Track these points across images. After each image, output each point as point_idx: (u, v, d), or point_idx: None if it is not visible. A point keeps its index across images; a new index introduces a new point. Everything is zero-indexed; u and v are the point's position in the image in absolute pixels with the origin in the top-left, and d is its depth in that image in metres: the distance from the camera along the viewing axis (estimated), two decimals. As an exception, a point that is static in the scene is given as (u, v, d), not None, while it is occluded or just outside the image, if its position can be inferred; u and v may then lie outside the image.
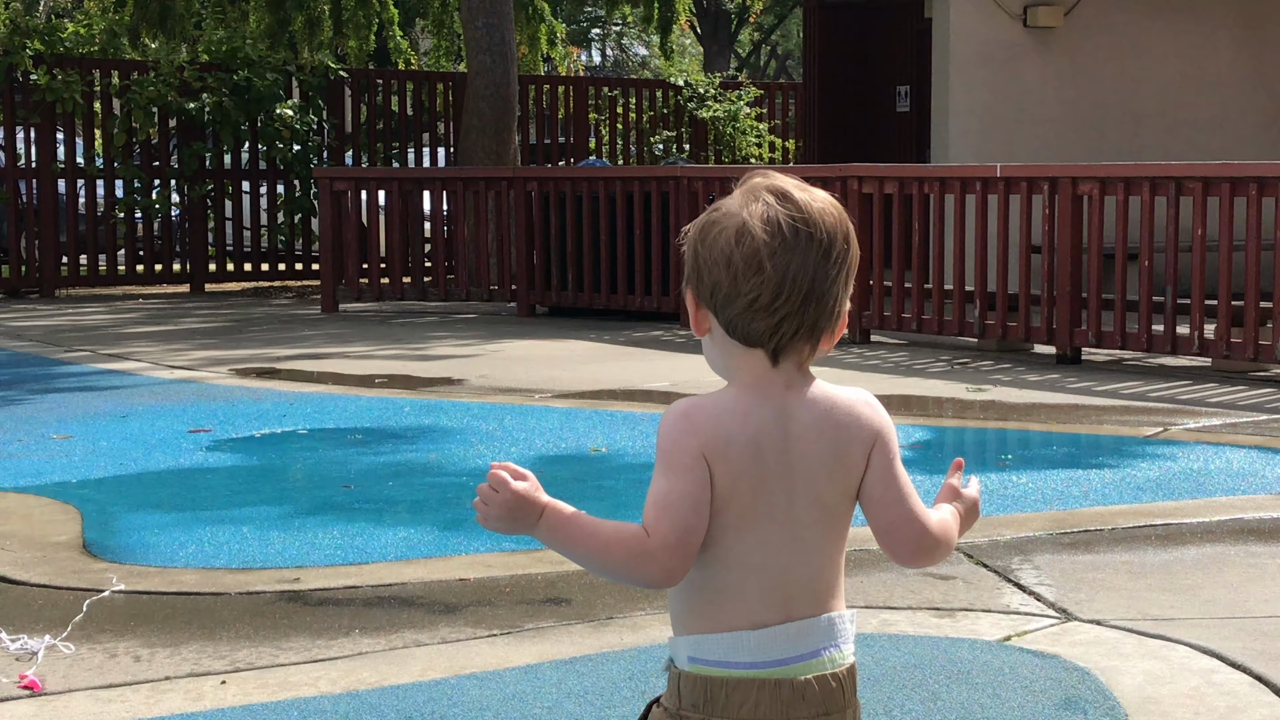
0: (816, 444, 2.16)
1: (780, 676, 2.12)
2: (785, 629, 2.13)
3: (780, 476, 2.14)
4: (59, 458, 7.25)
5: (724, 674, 2.12)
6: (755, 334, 2.13)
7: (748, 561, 2.14)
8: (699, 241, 2.17)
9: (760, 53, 48.67)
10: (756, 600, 2.14)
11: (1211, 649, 4.19)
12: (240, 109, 17.88)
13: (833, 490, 2.17)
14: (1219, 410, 8.46)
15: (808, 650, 2.15)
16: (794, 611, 2.14)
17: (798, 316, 2.12)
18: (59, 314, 15.00)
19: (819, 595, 2.17)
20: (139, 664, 4.19)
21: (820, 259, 2.12)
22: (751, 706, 2.11)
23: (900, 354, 11.17)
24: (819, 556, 2.17)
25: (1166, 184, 9.96)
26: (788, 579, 2.15)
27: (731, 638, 2.13)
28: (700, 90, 21.62)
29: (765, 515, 2.14)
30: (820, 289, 2.13)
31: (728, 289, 2.12)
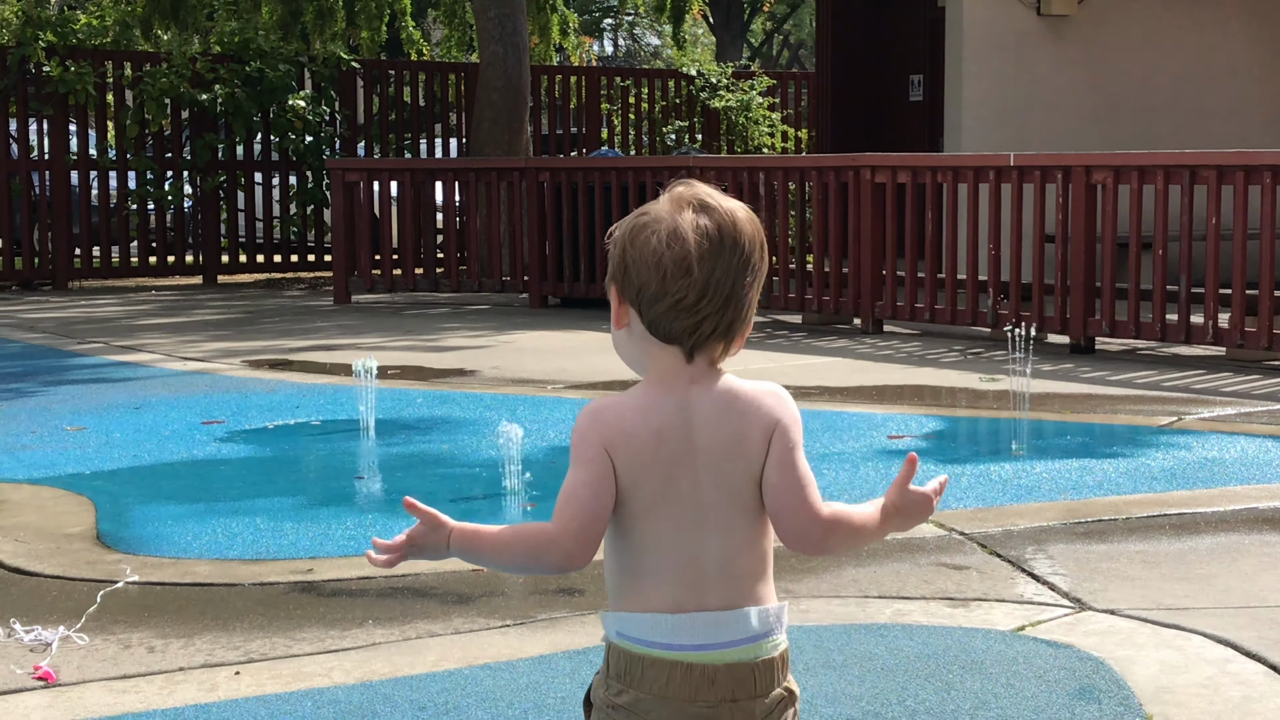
0: (718, 431, 2.29)
1: (693, 660, 2.25)
2: (704, 617, 2.26)
3: (684, 463, 2.27)
4: (73, 449, 7.26)
5: (643, 651, 2.26)
6: (676, 332, 2.28)
7: (661, 544, 2.28)
8: (628, 242, 2.28)
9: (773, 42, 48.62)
10: (672, 581, 2.27)
11: (1226, 638, 4.17)
12: (252, 100, 17.89)
13: (737, 474, 2.30)
14: (1233, 399, 8.44)
15: (724, 640, 2.26)
16: (710, 593, 2.27)
17: (716, 317, 2.28)
18: (72, 306, 15.02)
19: (737, 579, 2.29)
20: (153, 655, 4.20)
21: (740, 266, 2.27)
22: (663, 684, 2.24)
23: (913, 344, 11.15)
24: (732, 538, 2.29)
25: (1180, 172, 9.93)
26: (701, 560, 2.28)
27: (651, 619, 2.26)
28: (713, 80, 21.59)
29: (673, 500, 2.27)
30: (738, 294, 2.28)
31: (655, 289, 2.25)
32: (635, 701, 2.26)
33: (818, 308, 12.37)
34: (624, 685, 2.27)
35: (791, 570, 4.92)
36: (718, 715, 2.25)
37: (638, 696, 2.26)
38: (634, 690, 2.27)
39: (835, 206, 12.15)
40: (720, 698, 2.25)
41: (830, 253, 12.27)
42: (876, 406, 8.32)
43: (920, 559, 5.09)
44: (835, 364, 10.10)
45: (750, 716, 2.27)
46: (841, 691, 3.83)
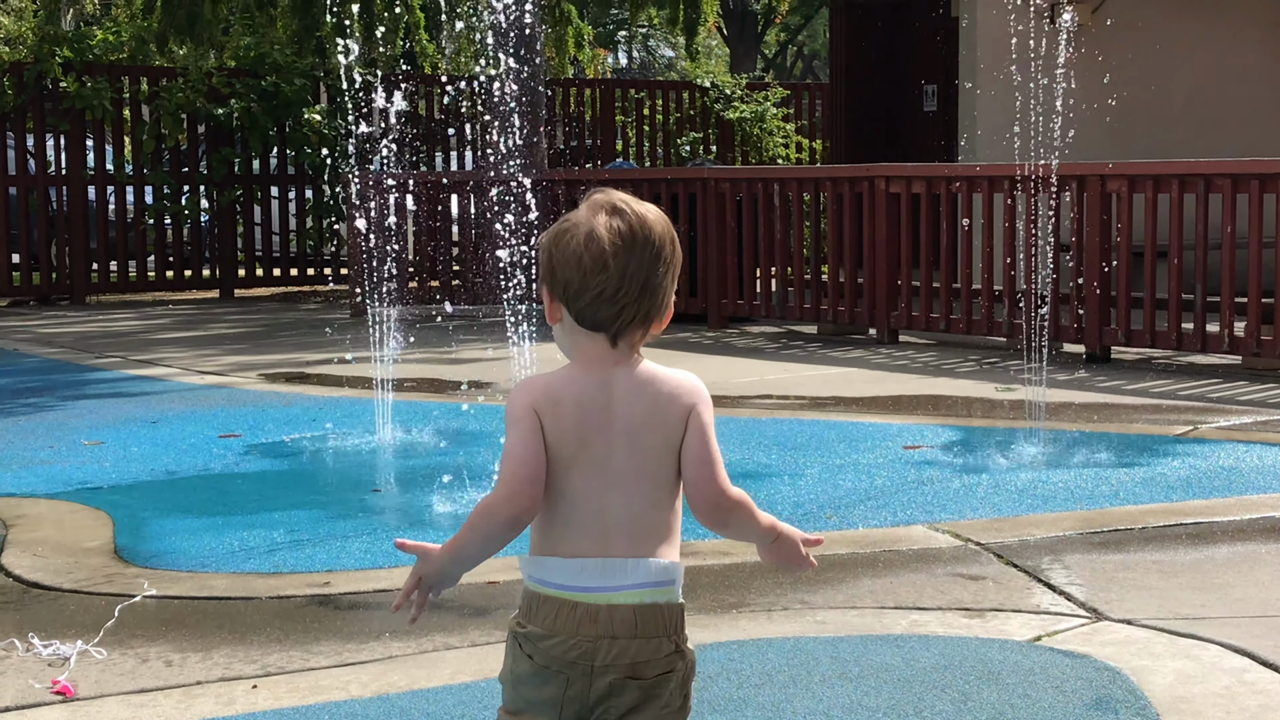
0: (635, 405, 2.57)
1: (579, 600, 2.53)
2: (594, 562, 2.54)
3: (600, 431, 2.56)
4: (90, 464, 7.28)
5: (541, 589, 2.56)
6: (600, 321, 2.55)
7: (574, 500, 2.56)
8: (553, 246, 2.59)
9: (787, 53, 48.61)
10: (579, 533, 2.55)
11: (1243, 648, 4.17)
12: (268, 114, 17.95)
13: (653, 441, 2.57)
14: (1249, 408, 8.42)
15: (609, 584, 2.53)
16: (613, 546, 2.55)
17: (635, 306, 2.54)
18: (89, 320, 15.07)
19: (640, 537, 2.56)
20: (170, 669, 4.21)
21: (652, 260, 2.55)
22: (551, 619, 2.54)
23: (929, 354, 11.15)
24: (638, 500, 2.56)
25: (1195, 181, 9.92)
26: (605, 517, 2.55)
27: (554, 562, 2.56)
28: (727, 91, 21.60)
29: (586, 462, 2.55)
30: (652, 284, 2.56)
31: (578, 284, 2.54)
32: (531, 633, 2.55)
33: (833, 318, 12.36)
34: (524, 620, 2.58)
35: (807, 582, 4.92)
36: (596, 650, 2.52)
37: (533, 629, 2.56)
38: (531, 624, 2.56)
39: (850, 217, 12.15)
40: (599, 634, 2.52)
41: (845, 263, 12.27)
42: (892, 417, 8.31)
43: (936, 569, 5.08)
44: (851, 374, 10.09)
45: (627, 655, 2.52)
46: (858, 702, 3.83)
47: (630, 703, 2.55)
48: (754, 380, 9.77)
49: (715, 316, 13.24)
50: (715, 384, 9.49)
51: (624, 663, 2.54)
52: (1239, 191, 9.69)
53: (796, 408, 8.70)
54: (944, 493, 6.32)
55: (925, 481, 6.57)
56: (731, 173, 14.28)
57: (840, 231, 12.31)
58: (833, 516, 5.94)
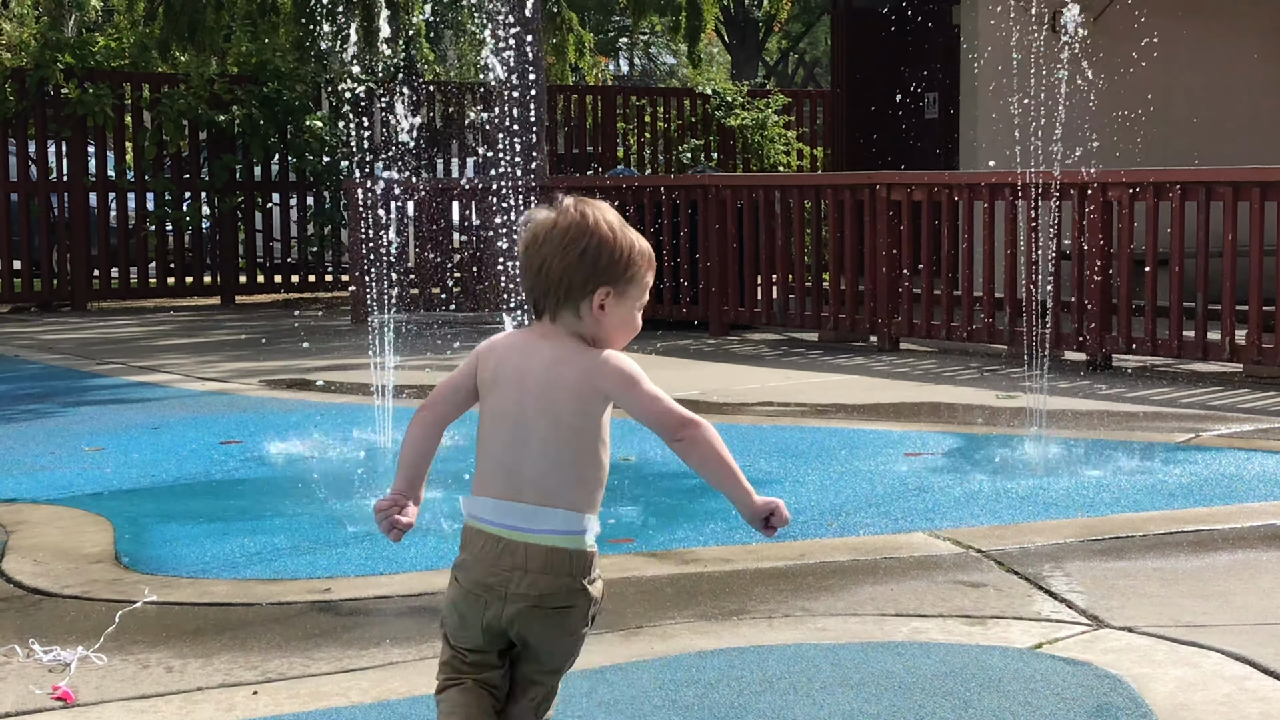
0: (549, 372, 3.04)
1: (501, 534, 3.04)
2: (497, 503, 3.05)
3: (515, 390, 3.06)
4: (91, 470, 7.28)
5: (471, 523, 3.10)
6: (532, 299, 3.10)
7: (490, 450, 3.09)
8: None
9: (788, 61, 48.63)
10: (499, 479, 3.07)
11: (1244, 655, 4.16)
12: (270, 121, 17.96)
13: (563, 408, 3.03)
14: (1250, 416, 8.42)
15: (528, 526, 3.02)
16: (525, 492, 3.04)
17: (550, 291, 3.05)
18: (90, 327, 15.07)
19: (549, 489, 3.03)
20: (171, 675, 4.21)
21: (571, 255, 3.01)
22: (479, 548, 3.06)
23: (929, 361, 11.15)
24: (545, 456, 3.03)
25: (1196, 189, 9.93)
26: (518, 469, 3.05)
27: (481, 500, 3.09)
28: (728, 99, 21.61)
29: (501, 417, 3.08)
30: (567, 276, 3.02)
31: (521, 269, 3.10)
32: (463, 560, 3.09)
33: (834, 325, 12.37)
34: (461, 547, 3.10)
35: (808, 589, 4.93)
36: (510, 579, 3.01)
37: (464, 557, 3.08)
38: (463, 551, 3.09)
39: (851, 224, 12.16)
40: (514, 566, 3.01)
41: (846, 270, 12.28)
42: (893, 424, 8.31)
43: (937, 576, 5.08)
44: (852, 381, 10.09)
45: (535, 588, 3.00)
46: (858, 710, 3.83)
47: (535, 625, 3.03)
48: (755, 387, 9.77)
49: (716, 323, 13.24)
50: (717, 391, 9.49)
51: (533, 593, 3.01)
52: (1240, 200, 9.69)
53: (798, 415, 8.70)
54: (945, 500, 6.32)
55: (926, 488, 6.57)
56: (732, 180, 14.29)
57: (841, 239, 12.32)
58: (834, 523, 5.94)
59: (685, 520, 6.06)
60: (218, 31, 20.28)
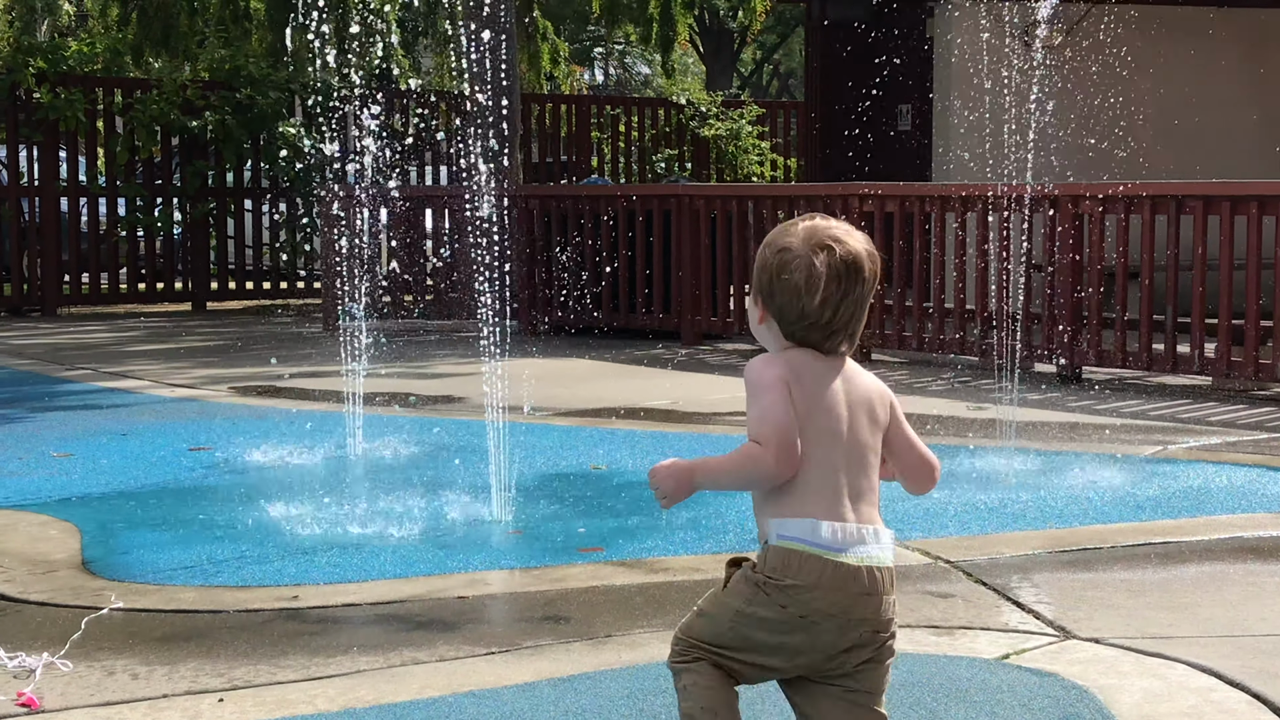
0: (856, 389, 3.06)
1: (840, 560, 2.88)
2: (853, 527, 2.90)
3: (833, 406, 2.96)
4: (59, 475, 7.25)
5: (801, 548, 2.89)
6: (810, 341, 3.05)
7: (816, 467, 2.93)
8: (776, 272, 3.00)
9: (762, 72, 48.73)
10: (821, 497, 2.92)
11: (1210, 667, 4.18)
12: (243, 127, 17.92)
13: (868, 421, 2.99)
14: (1219, 429, 8.46)
15: (867, 548, 2.90)
16: (847, 513, 2.91)
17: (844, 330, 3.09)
18: (61, 332, 15.01)
19: (866, 503, 2.95)
20: (136, 681, 4.19)
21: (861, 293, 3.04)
22: (815, 575, 2.88)
23: (901, 372, 11.17)
24: (863, 471, 2.96)
25: (1167, 202, 9.97)
26: (842, 485, 2.93)
27: (817, 524, 2.89)
28: (702, 109, 21.65)
29: (823, 433, 2.93)
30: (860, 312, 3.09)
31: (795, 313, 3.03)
32: (791, 585, 2.88)
33: (806, 336, 12.36)
34: (783, 573, 2.89)
35: (777, 598, 4.92)
36: (854, 604, 2.87)
37: (793, 582, 2.88)
38: (791, 578, 2.88)
39: (824, 235, 12.16)
40: (859, 591, 2.88)
41: (819, 281, 12.27)
42: (864, 435, 8.31)
43: (905, 586, 5.08)
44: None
45: (880, 612, 2.90)
46: (825, 719, 3.82)
47: (867, 655, 2.90)
48: (726, 397, 9.77)
49: (689, 333, 13.25)
50: (688, 400, 9.50)
51: (875, 618, 2.89)
52: (1210, 213, 9.74)
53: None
54: (914, 510, 6.33)
55: (896, 499, 6.56)
56: (706, 190, 14.31)
57: (814, 250, 12.32)
58: (803, 534, 5.94)
59: (655, 529, 6.05)
60: (191, 37, 20.26)
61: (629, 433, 8.37)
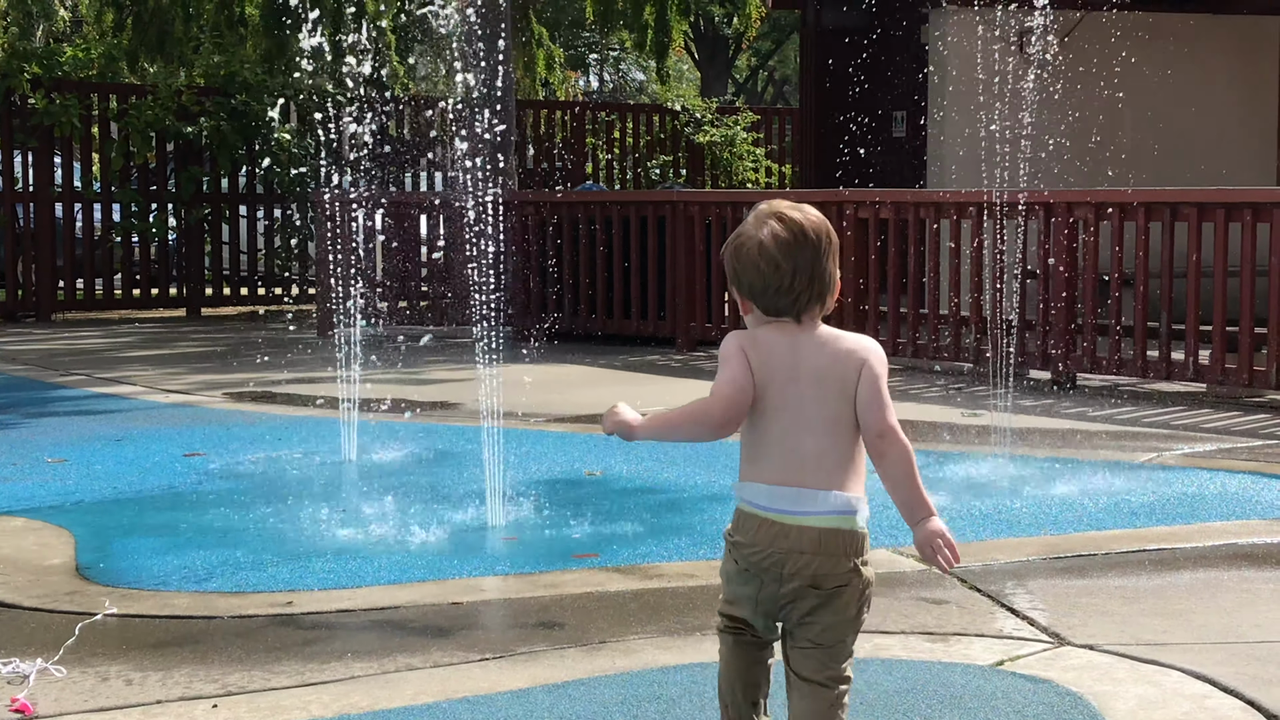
0: (818, 358, 3.15)
1: (775, 519, 3.09)
2: (789, 490, 3.08)
3: (791, 379, 3.11)
4: (53, 481, 7.24)
5: (746, 508, 3.13)
6: (782, 308, 3.16)
7: (773, 437, 3.12)
8: (734, 257, 3.23)
9: (758, 78, 48.75)
10: (777, 464, 3.10)
11: (1204, 674, 4.18)
12: (238, 133, 17.91)
13: (832, 388, 3.12)
14: (1213, 436, 8.46)
15: (802, 509, 3.08)
16: (805, 479, 3.08)
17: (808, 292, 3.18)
18: (55, 338, 15.00)
19: (826, 470, 3.11)
20: (130, 687, 4.19)
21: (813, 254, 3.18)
22: (752, 532, 3.11)
23: (896, 378, 11.17)
24: (824, 439, 3.11)
25: (1161, 209, 9.98)
26: (800, 452, 3.10)
27: (757, 486, 3.12)
28: (697, 115, 21.65)
29: (781, 405, 3.10)
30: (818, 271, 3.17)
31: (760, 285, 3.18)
32: (738, 542, 3.13)
33: (801, 342, 12.37)
34: (734, 530, 3.15)
35: (771, 604, 4.92)
36: (785, 560, 3.07)
37: (739, 539, 3.13)
38: (738, 534, 3.14)
39: (818, 241, 12.16)
40: (789, 548, 3.08)
41: (813, 288, 12.27)
42: (858, 441, 8.31)
43: (900, 593, 5.09)
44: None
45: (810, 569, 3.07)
46: (820, 726, 3.82)
47: (809, 606, 3.09)
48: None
49: (683, 339, 13.25)
50: (682, 407, 9.48)
51: (806, 573, 3.07)
52: (1204, 220, 9.75)
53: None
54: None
55: (890, 505, 6.56)
56: (701, 196, 14.31)
57: (809, 256, 12.32)
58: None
59: (650, 535, 6.05)
60: (186, 43, 20.24)
61: (621, 440, 8.32)
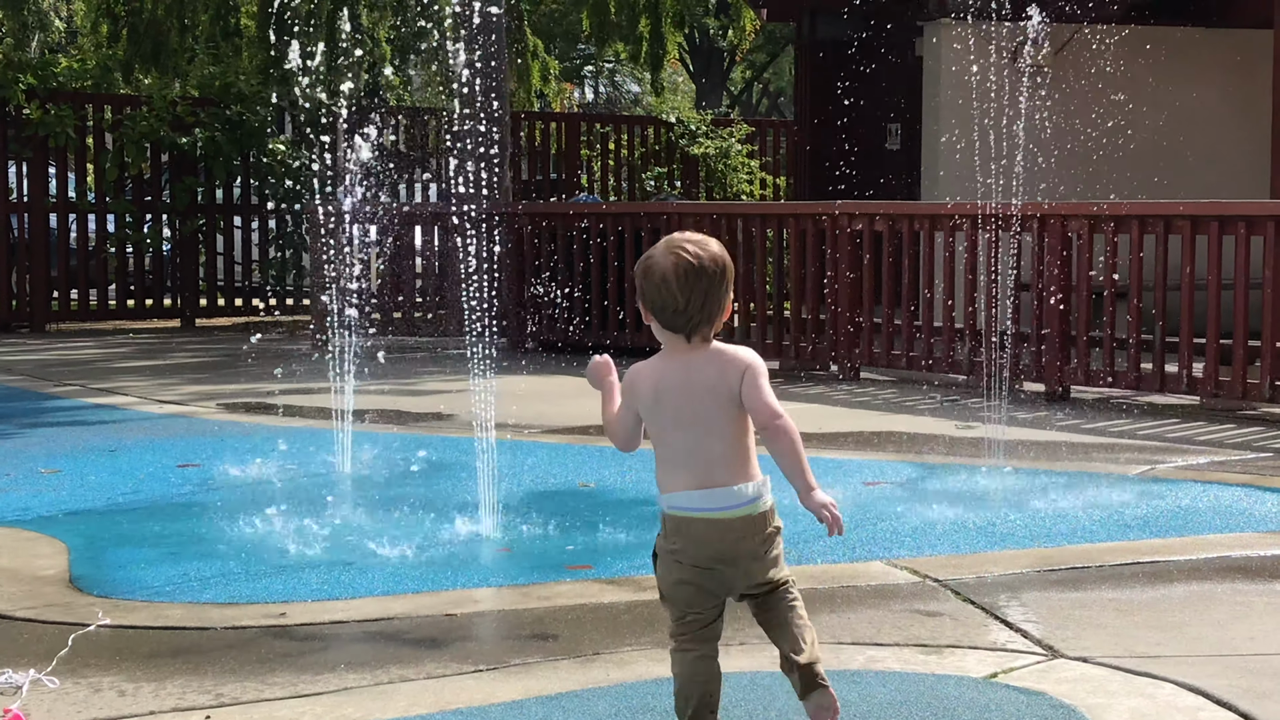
0: (706, 371, 3.68)
1: (711, 517, 3.63)
2: (720, 491, 3.63)
3: (686, 396, 3.66)
4: (47, 492, 7.24)
5: (683, 514, 3.65)
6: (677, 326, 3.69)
7: (679, 447, 3.68)
8: (643, 277, 3.69)
9: (752, 90, 48.80)
10: (690, 469, 3.64)
11: (1198, 686, 4.18)
12: (233, 144, 17.91)
13: (722, 396, 3.64)
14: (1207, 448, 8.47)
15: (728, 505, 3.63)
16: (715, 477, 3.63)
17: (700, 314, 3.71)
18: (49, 349, 14.99)
19: (730, 467, 3.66)
20: (123, 699, 4.18)
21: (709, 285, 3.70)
22: (699, 533, 3.64)
23: (890, 391, 11.18)
24: (720, 441, 3.66)
25: (1155, 222, 10.00)
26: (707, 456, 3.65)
27: (693, 494, 3.64)
28: (692, 127, 21.67)
29: (678, 420, 3.66)
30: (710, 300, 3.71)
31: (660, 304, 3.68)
32: (682, 548, 3.64)
33: (795, 354, 12.40)
34: (674, 540, 3.65)
35: (765, 616, 4.92)
36: (730, 548, 3.64)
37: (682, 545, 3.64)
38: (679, 541, 3.65)
39: (813, 254, 12.20)
40: (732, 537, 3.64)
41: (808, 300, 12.31)
42: (853, 453, 8.33)
43: (894, 605, 5.09)
44: (812, 410, 10.11)
45: (747, 545, 3.66)
46: (813, 738, 3.82)
47: (751, 569, 3.67)
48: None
49: (677, 351, 13.23)
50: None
51: (745, 549, 3.64)
52: (1198, 233, 9.76)
53: (757, 443, 8.69)
54: (903, 529, 6.33)
55: (884, 517, 6.59)
56: (695, 208, 14.32)
57: (803, 268, 12.36)
58: (792, 551, 5.93)
59: (643, 547, 6.02)
60: (181, 54, 20.25)
61: (617, 451, 8.33)
